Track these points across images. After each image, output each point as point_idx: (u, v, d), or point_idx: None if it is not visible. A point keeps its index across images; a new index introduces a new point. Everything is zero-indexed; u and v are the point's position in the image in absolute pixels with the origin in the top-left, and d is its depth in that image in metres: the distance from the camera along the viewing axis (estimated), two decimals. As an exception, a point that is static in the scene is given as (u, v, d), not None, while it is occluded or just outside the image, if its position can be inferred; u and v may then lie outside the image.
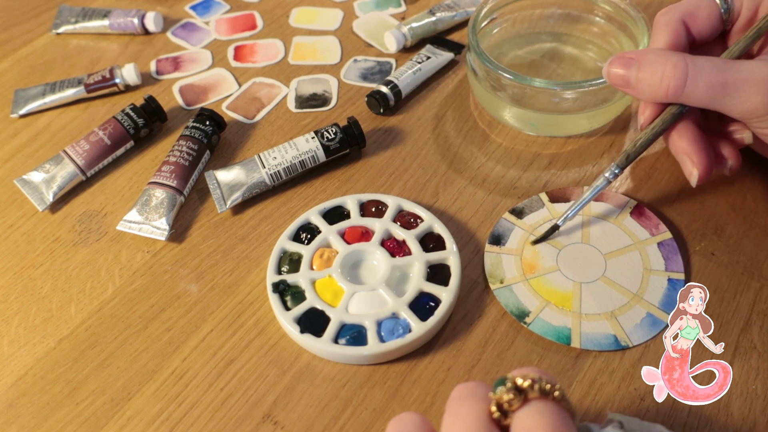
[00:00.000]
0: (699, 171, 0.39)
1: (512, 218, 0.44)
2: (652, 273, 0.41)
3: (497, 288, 0.41)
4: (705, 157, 0.40)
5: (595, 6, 0.53)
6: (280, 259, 0.42)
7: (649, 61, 0.39)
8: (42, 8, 0.65)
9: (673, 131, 0.40)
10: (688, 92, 0.37)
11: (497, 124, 0.51)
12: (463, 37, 0.59)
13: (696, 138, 0.40)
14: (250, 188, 0.46)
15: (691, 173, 0.40)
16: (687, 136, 0.40)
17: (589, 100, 0.46)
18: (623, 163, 0.41)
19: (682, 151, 0.40)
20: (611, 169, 0.41)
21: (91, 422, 0.37)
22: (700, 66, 0.37)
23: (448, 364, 0.38)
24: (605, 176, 0.41)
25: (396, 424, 0.27)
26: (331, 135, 0.47)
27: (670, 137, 0.41)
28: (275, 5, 0.64)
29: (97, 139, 0.49)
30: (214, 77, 0.57)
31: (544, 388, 0.25)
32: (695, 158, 0.39)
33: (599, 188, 0.41)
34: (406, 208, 0.44)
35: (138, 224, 0.45)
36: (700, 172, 0.39)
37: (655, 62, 0.38)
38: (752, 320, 0.39)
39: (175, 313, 0.41)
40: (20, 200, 0.48)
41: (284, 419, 0.36)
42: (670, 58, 0.38)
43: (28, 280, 0.43)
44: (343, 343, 0.38)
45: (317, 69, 0.57)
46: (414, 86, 0.53)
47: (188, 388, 0.38)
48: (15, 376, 0.39)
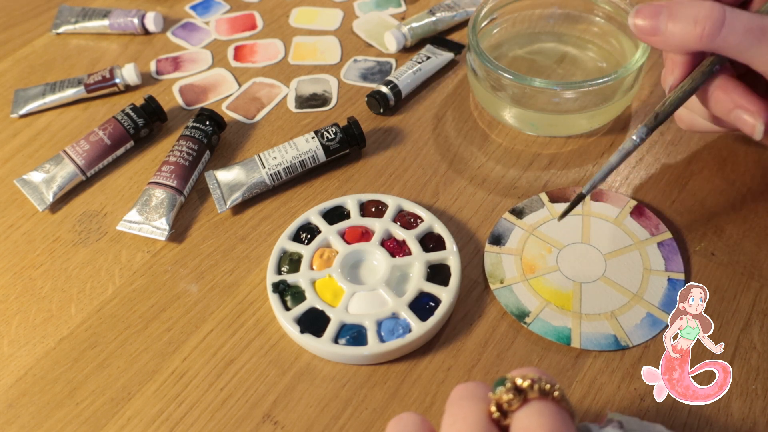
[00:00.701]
0: (764, 118, 0.35)
1: (512, 218, 0.44)
2: (652, 273, 0.41)
3: (497, 288, 0.41)
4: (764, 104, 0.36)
5: (595, 6, 0.53)
6: (280, 259, 0.42)
7: (682, 5, 0.35)
8: (42, 8, 0.65)
9: (716, 90, 0.37)
10: (725, 35, 0.34)
11: (497, 124, 0.51)
12: (463, 37, 0.59)
13: (745, 89, 0.36)
14: (250, 188, 0.46)
15: (755, 126, 0.36)
16: (734, 89, 0.36)
17: (589, 100, 0.46)
18: (652, 124, 0.38)
19: (735, 105, 0.36)
20: (639, 132, 0.38)
21: (91, 422, 0.37)
22: (736, 11, 0.34)
23: (448, 364, 0.38)
24: (633, 139, 0.38)
25: (395, 424, 0.27)
26: (331, 135, 0.47)
27: (713, 97, 0.37)
28: (275, 5, 0.64)
29: (97, 139, 0.49)
30: (214, 77, 0.57)
31: (544, 388, 0.25)
32: (753, 107, 0.36)
33: (627, 151, 0.38)
34: (406, 208, 0.44)
35: (138, 224, 0.45)
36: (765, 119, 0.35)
37: (688, 6, 0.35)
38: (752, 320, 0.39)
39: (175, 313, 0.41)
40: (20, 200, 0.48)
41: (284, 419, 0.36)
42: (704, 2, 0.35)
43: (28, 280, 0.43)
44: (343, 343, 0.38)
45: (317, 69, 0.57)
46: (414, 86, 0.53)
47: (188, 388, 0.38)
48: (15, 376, 0.39)
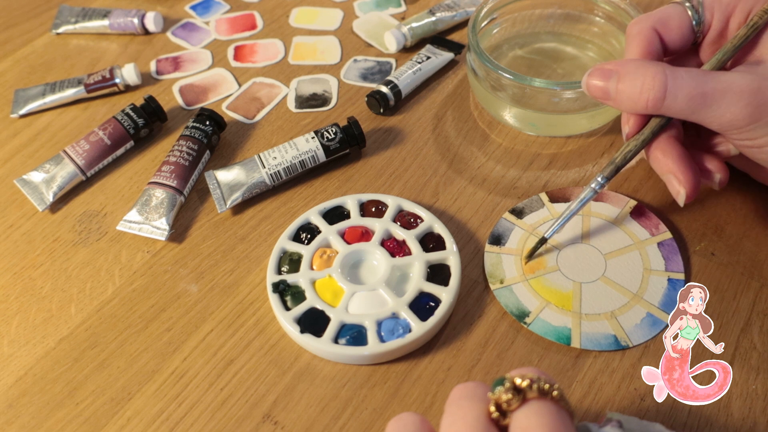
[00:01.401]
0: (686, 189, 0.38)
1: (512, 218, 0.44)
2: (652, 273, 0.41)
3: (497, 288, 0.41)
4: (691, 174, 0.38)
5: (595, 6, 0.53)
6: (280, 259, 0.42)
7: (628, 72, 0.38)
8: (42, 8, 0.65)
9: (656, 150, 0.39)
10: (668, 104, 0.36)
11: (497, 124, 0.51)
12: (463, 37, 0.59)
13: (680, 155, 0.38)
14: (250, 188, 0.46)
15: (678, 192, 0.38)
16: (671, 153, 0.38)
17: (589, 100, 0.46)
18: (611, 174, 0.40)
19: (667, 169, 0.39)
20: (597, 180, 0.40)
21: (91, 422, 0.37)
22: (680, 77, 0.36)
23: (448, 364, 0.38)
24: (591, 187, 0.40)
25: (395, 424, 0.27)
26: (331, 135, 0.47)
27: (652, 156, 0.39)
28: (275, 5, 0.64)
29: (97, 139, 0.49)
30: (214, 77, 0.57)
31: (543, 387, 0.25)
32: (681, 176, 0.38)
33: (586, 199, 0.40)
34: (406, 208, 0.44)
35: (138, 224, 0.45)
36: (688, 191, 0.38)
37: (634, 73, 0.37)
38: (752, 320, 0.39)
39: (175, 313, 0.41)
40: (20, 200, 0.48)
41: (284, 419, 0.36)
42: (649, 69, 0.37)
43: (28, 280, 0.43)
44: (343, 343, 0.38)
45: (317, 69, 0.57)
46: (414, 86, 0.53)
47: (188, 388, 0.38)
48: (15, 376, 0.39)
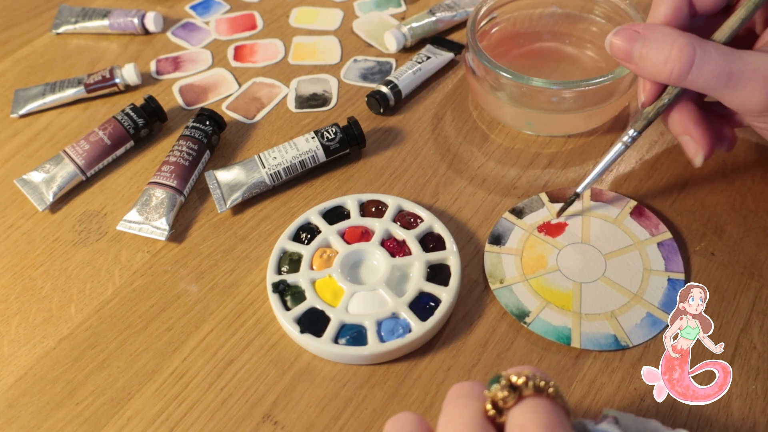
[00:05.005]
0: (704, 151, 0.39)
1: (512, 218, 0.44)
2: (652, 273, 0.41)
3: (497, 288, 0.41)
4: (709, 137, 0.39)
5: (595, 6, 0.53)
6: (280, 259, 0.42)
7: (656, 39, 0.36)
8: (42, 8, 0.65)
9: (674, 111, 0.39)
10: (692, 78, 0.36)
11: (497, 124, 0.51)
12: (463, 37, 0.59)
13: (698, 117, 0.39)
14: (250, 188, 0.46)
15: (696, 153, 0.39)
16: (689, 116, 0.39)
17: (588, 100, 0.46)
18: (643, 128, 0.40)
19: (685, 131, 0.39)
20: (629, 134, 0.40)
21: (91, 422, 0.37)
22: (708, 52, 0.35)
23: (448, 364, 0.38)
24: (624, 140, 0.41)
25: (393, 423, 0.27)
26: (331, 135, 0.47)
27: (670, 118, 0.40)
28: (275, 5, 0.64)
29: (97, 139, 0.49)
30: (214, 77, 0.57)
31: (539, 384, 0.25)
32: (699, 138, 0.39)
33: (618, 153, 0.41)
34: (406, 208, 0.44)
35: (138, 224, 0.45)
36: (705, 152, 0.39)
37: (661, 41, 0.36)
38: (752, 320, 0.39)
39: (175, 313, 0.41)
40: (20, 200, 0.48)
41: (284, 419, 0.36)
42: (678, 39, 0.35)
43: (28, 280, 0.43)
44: (343, 343, 0.38)
45: (317, 69, 0.57)
46: (414, 86, 0.53)
47: (188, 388, 0.38)
48: (15, 376, 0.39)
